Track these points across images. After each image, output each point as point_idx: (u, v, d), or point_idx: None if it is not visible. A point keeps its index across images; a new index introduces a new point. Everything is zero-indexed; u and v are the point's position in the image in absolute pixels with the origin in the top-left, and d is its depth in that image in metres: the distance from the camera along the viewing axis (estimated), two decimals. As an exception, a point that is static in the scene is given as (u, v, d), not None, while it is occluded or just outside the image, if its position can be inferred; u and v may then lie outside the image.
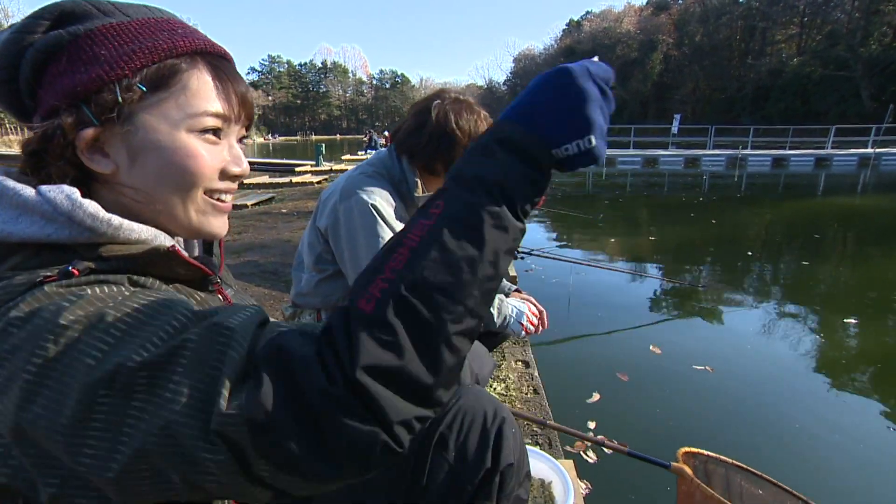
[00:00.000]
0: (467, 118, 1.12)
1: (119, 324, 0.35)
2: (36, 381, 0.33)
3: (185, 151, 0.45)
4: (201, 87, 0.45)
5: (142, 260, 0.42)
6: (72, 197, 0.40)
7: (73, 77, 0.41)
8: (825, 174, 14.37)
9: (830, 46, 33.32)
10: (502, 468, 0.62)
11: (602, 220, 6.92)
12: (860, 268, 4.61)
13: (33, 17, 0.42)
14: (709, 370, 2.44)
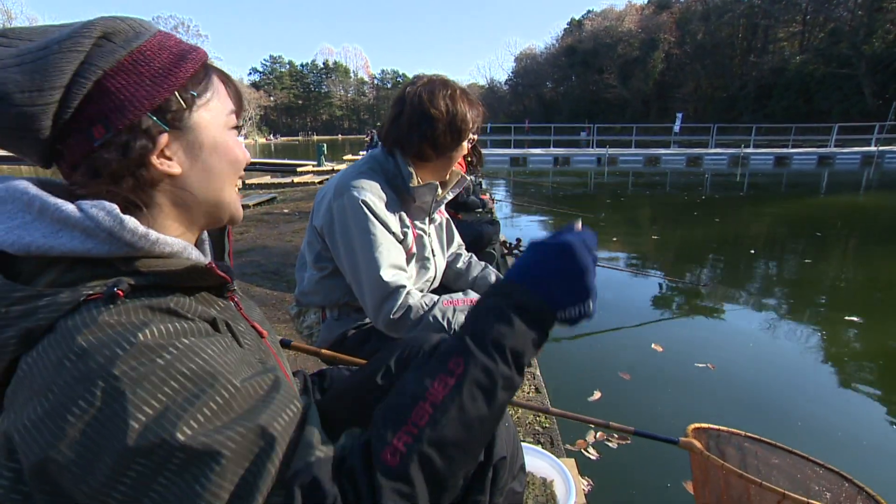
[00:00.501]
0: (442, 94, 1.13)
1: (168, 389, 0.36)
2: (77, 428, 0.34)
3: (230, 144, 0.51)
4: (222, 89, 0.51)
5: (179, 275, 0.44)
6: (113, 213, 0.41)
7: (147, 89, 0.44)
8: (828, 172, 14.32)
9: (833, 44, 33.18)
10: (495, 462, 0.62)
11: (603, 219, 6.91)
12: (863, 266, 4.59)
13: (77, 35, 0.41)
14: (710, 367, 2.43)
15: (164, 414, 0.35)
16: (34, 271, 0.41)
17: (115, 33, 0.44)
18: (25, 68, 0.40)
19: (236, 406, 0.38)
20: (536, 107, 60.72)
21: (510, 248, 3.62)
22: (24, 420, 0.35)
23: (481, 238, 2.82)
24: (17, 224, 0.40)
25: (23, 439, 0.35)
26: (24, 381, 0.37)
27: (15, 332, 0.38)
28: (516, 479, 0.68)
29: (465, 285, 1.40)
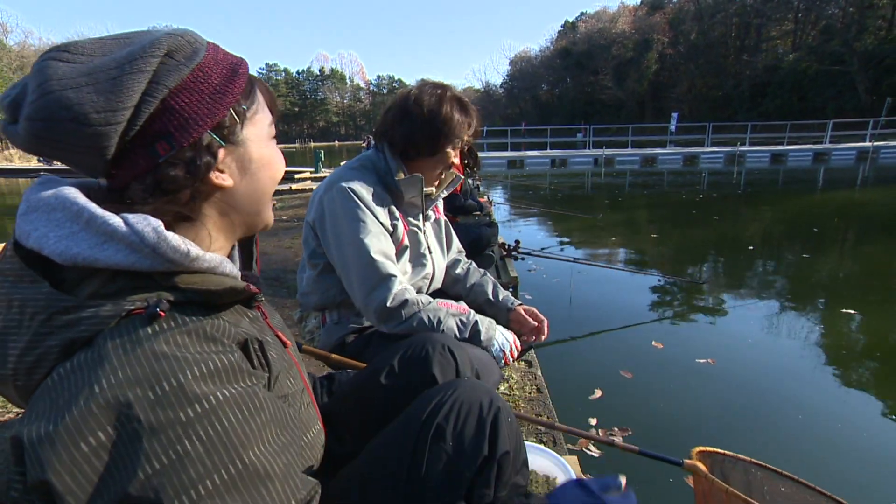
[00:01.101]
0: (430, 94, 1.15)
1: (180, 448, 0.36)
2: (85, 459, 0.34)
3: (275, 156, 0.54)
4: (262, 100, 0.52)
5: (217, 294, 0.45)
6: (158, 230, 0.42)
7: (207, 106, 0.45)
8: (824, 168, 14.38)
9: (825, 41, 33.41)
10: (499, 456, 0.63)
11: (602, 219, 6.94)
12: (860, 260, 4.61)
13: (144, 54, 0.42)
14: (711, 363, 2.45)
15: (170, 473, 0.35)
16: (77, 279, 0.41)
17: (178, 50, 0.44)
18: (100, 88, 0.40)
19: (241, 484, 0.38)
20: (532, 109, 60.89)
21: (508, 250, 3.63)
22: (38, 431, 0.35)
23: (480, 240, 2.84)
24: (65, 234, 0.41)
25: (31, 452, 0.35)
26: (52, 390, 0.38)
27: (58, 342, 0.39)
28: (519, 473, 0.69)
29: (462, 290, 1.41)
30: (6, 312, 0.41)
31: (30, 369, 0.40)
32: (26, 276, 0.40)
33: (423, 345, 0.79)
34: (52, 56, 0.41)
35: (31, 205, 0.42)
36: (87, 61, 0.41)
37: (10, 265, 0.41)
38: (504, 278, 3.09)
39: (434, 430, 0.64)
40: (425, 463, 0.62)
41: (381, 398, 0.76)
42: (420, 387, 0.73)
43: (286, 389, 0.55)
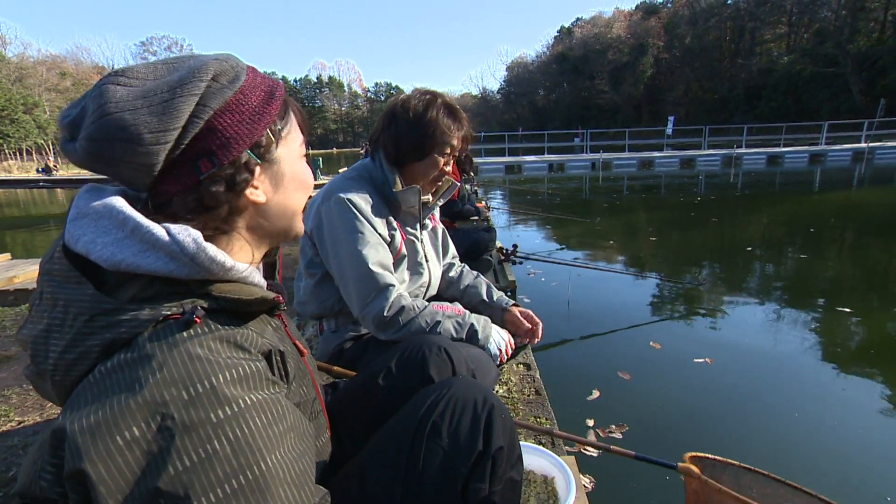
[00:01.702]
0: (418, 99, 1.17)
1: (210, 447, 0.38)
2: (121, 452, 0.36)
3: (305, 173, 0.57)
4: (294, 120, 0.56)
5: (248, 304, 0.48)
6: (198, 241, 0.44)
7: (247, 127, 0.48)
8: (820, 170, 14.46)
9: (819, 44, 33.70)
10: (493, 451, 0.65)
11: (600, 223, 6.97)
12: (857, 260, 4.64)
13: (192, 79, 0.45)
14: (709, 362, 2.47)
15: (200, 469, 0.37)
16: (118, 283, 0.44)
17: (222, 74, 0.47)
18: (153, 109, 0.43)
19: (262, 486, 0.40)
20: (529, 114, 61.18)
21: (506, 255, 3.66)
22: (80, 422, 0.37)
23: (478, 245, 2.86)
24: (111, 240, 0.43)
25: (70, 441, 0.37)
26: (94, 386, 0.40)
27: (99, 342, 0.41)
28: (514, 468, 0.71)
29: (456, 293, 1.42)
30: (51, 311, 0.43)
31: (69, 366, 0.42)
32: (72, 277, 0.43)
33: (420, 347, 0.81)
34: (110, 80, 0.44)
35: (80, 211, 0.45)
36: (140, 85, 0.44)
37: (58, 266, 0.44)
38: (502, 282, 3.11)
39: (430, 426, 0.66)
40: (422, 458, 0.64)
41: (379, 399, 0.78)
42: (417, 387, 0.75)
43: (301, 397, 0.58)
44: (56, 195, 17.50)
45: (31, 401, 1.87)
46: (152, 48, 56.67)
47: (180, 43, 58.01)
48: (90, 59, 55.59)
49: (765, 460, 1.72)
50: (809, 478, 1.63)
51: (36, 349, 0.43)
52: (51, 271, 0.44)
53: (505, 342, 1.20)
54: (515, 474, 0.72)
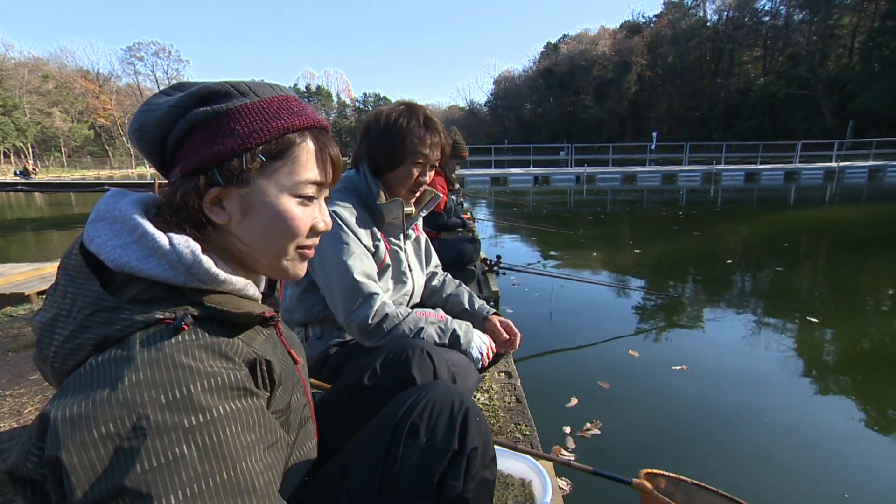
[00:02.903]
0: (392, 109, 1.22)
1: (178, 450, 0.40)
2: (95, 445, 0.38)
3: (287, 214, 0.54)
4: (307, 159, 0.55)
5: (235, 316, 0.51)
6: (195, 253, 0.48)
7: (213, 147, 0.51)
8: (795, 187, 14.96)
9: (793, 67, 35.11)
10: (468, 451, 0.68)
11: (583, 235, 7.10)
12: (828, 274, 4.82)
13: (187, 96, 0.51)
14: (685, 369, 2.57)
15: (165, 471, 0.39)
16: (122, 283, 0.48)
17: (216, 95, 0.52)
18: (150, 115, 0.52)
19: (224, 493, 0.41)
20: (516, 127, 61.98)
21: (490, 266, 3.72)
22: (63, 411, 0.40)
23: (462, 256, 2.91)
24: (119, 243, 0.47)
25: (52, 428, 0.39)
26: (82, 378, 0.42)
27: (94, 336, 0.44)
28: (487, 468, 0.74)
29: (439, 302, 1.46)
30: (60, 301, 0.47)
31: (67, 355, 0.45)
32: (83, 273, 0.47)
33: (404, 349, 0.85)
34: (165, 89, 0.55)
35: (98, 214, 0.50)
36: (175, 95, 0.53)
37: (73, 262, 0.48)
38: (485, 293, 3.16)
39: (409, 427, 0.70)
40: (400, 456, 0.68)
41: (364, 399, 0.82)
42: (400, 388, 0.79)
43: (292, 404, 0.60)
44: (34, 199, 17.08)
45: (6, 407, 1.85)
46: (139, 53, 55.88)
47: (168, 49, 57.32)
48: (74, 63, 54.49)
49: (733, 462, 1.80)
50: (776, 476, 1.70)
51: (42, 335, 0.47)
52: (66, 266, 0.48)
53: (486, 346, 1.25)
54: (489, 474, 0.75)
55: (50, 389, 1.98)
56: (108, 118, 51.95)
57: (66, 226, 10.48)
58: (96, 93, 51.68)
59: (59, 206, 15.22)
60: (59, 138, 46.47)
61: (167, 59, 56.87)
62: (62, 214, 13.12)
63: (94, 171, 38.97)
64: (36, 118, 43.21)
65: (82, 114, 50.12)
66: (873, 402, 2.31)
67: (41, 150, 45.24)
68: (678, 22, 44.64)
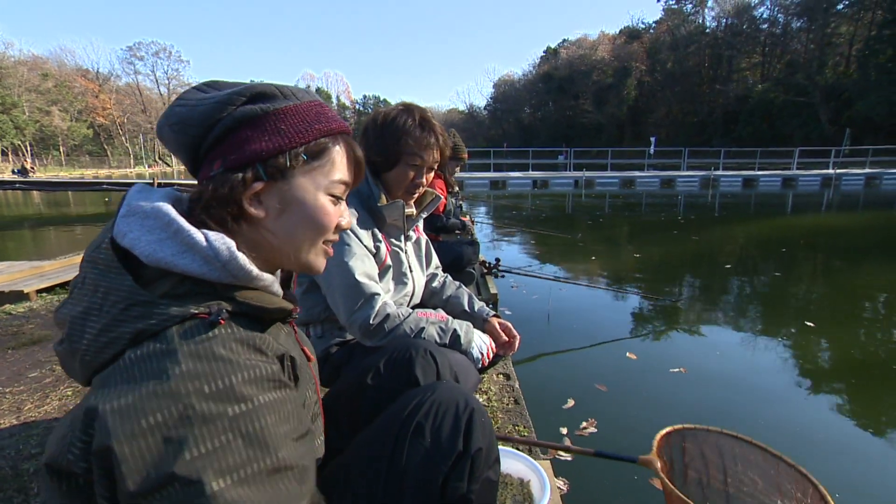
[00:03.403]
0: (391, 109, 1.22)
1: (224, 438, 0.42)
2: (144, 434, 0.40)
3: (321, 210, 0.58)
4: (340, 161, 0.60)
5: (267, 311, 0.53)
6: (231, 249, 0.50)
7: (259, 143, 0.53)
8: (792, 193, 15.03)
9: (790, 74, 35.33)
10: (473, 452, 0.69)
11: (582, 239, 7.12)
12: (825, 279, 4.85)
13: (235, 93, 0.53)
14: (683, 371, 2.59)
15: (213, 457, 0.41)
16: (152, 278, 0.48)
17: (263, 96, 0.54)
18: (197, 110, 0.52)
19: (269, 480, 0.44)
20: (515, 131, 62.14)
21: (489, 268, 3.73)
22: (111, 403, 0.41)
23: (461, 258, 2.93)
24: (154, 239, 0.48)
25: (101, 420, 0.41)
26: (124, 371, 0.44)
27: (130, 330, 0.45)
28: (491, 468, 0.75)
29: (439, 303, 1.47)
30: (91, 295, 0.47)
31: (101, 349, 0.46)
32: (114, 267, 0.47)
33: (408, 349, 0.86)
34: (198, 86, 0.56)
35: (130, 209, 0.50)
36: (210, 93, 0.54)
37: (103, 256, 0.49)
38: (484, 295, 3.18)
39: (414, 427, 0.70)
40: (405, 456, 0.69)
41: (367, 398, 0.83)
42: (404, 387, 0.80)
43: (307, 400, 0.62)
44: (32, 197, 17.04)
45: (6, 404, 1.85)
46: (139, 53, 55.81)
47: (168, 49, 57.25)
48: (74, 62, 54.40)
49: None
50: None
51: (73, 328, 0.48)
52: (95, 259, 0.49)
53: (486, 346, 1.26)
54: (492, 475, 0.76)
55: (49, 387, 1.99)
56: (107, 117, 51.83)
57: (64, 224, 10.45)
58: (96, 92, 51.55)
59: (56, 204, 15.18)
60: (58, 137, 46.31)
61: (167, 60, 56.88)
62: (60, 213, 13.08)
63: (92, 170, 38.87)
64: (35, 116, 43.08)
65: (81, 113, 49.98)
66: (868, 405, 2.34)
67: (39, 148, 45.09)
68: (677, 28, 44.89)
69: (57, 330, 2.71)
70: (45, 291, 3.56)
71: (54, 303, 3.32)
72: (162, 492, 0.39)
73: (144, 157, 50.70)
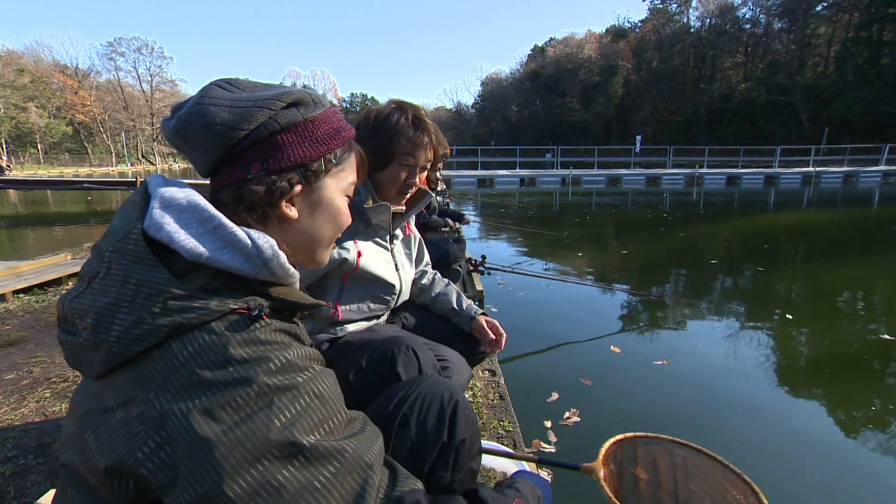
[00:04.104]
0: (383, 107, 1.19)
1: (302, 401, 0.47)
2: (231, 418, 0.43)
3: (343, 210, 0.63)
4: (354, 163, 0.64)
5: (302, 307, 0.56)
6: (274, 248, 0.52)
7: (302, 149, 0.55)
8: (774, 191, 15.34)
9: (772, 74, 36.04)
10: (457, 443, 0.71)
11: (568, 236, 7.18)
12: (804, 274, 4.97)
13: (275, 98, 0.53)
14: (665, 363, 2.65)
15: (299, 419, 0.45)
16: (183, 271, 0.48)
17: (300, 103, 0.56)
18: (234, 111, 0.51)
19: (347, 429, 0.49)
20: (503, 129, 62.36)
21: (475, 265, 3.74)
22: (184, 403, 0.43)
23: (447, 256, 2.93)
24: (193, 233, 0.48)
25: (180, 418, 0.42)
26: (181, 369, 0.44)
27: (168, 323, 0.45)
28: (474, 459, 0.77)
29: (427, 300, 1.47)
30: (120, 287, 0.46)
31: (133, 340, 0.45)
32: (146, 259, 0.47)
33: (390, 346, 0.86)
34: (219, 83, 0.55)
35: (164, 202, 0.50)
36: (238, 93, 0.54)
37: (132, 246, 0.47)
38: (470, 292, 3.19)
39: (400, 418, 0.71)
40: (391, 447, 0.69)
41: (349, 394, 0.83)
42: (386, 384, 0.81)
43: None
44: (7, 195, 16.58)
45: (-18, 408, 1.81)
46: (120, 49, 54.44)
47: (151, 45, 55.99)
48: (51, 57, 52.99)
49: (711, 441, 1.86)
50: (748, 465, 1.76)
51: (99, 320, 0.46)
52: (124, 250, 0.47)
53: None
54: (475, 465, 0.78)
55: (27, 389, 1.94)
56: (87, 114, 50.62)
57: (43, 224, 10.20)
58: (75, 88, 50.28)
59: (34, 203, 14.80)
60: (35, 134, 45.09)
61: (150, 56, 55.63)
62: (38, 212, 12.75)
63: (72, 169, 37.98)
64: (10, 113, 41.88)
65: (60, 109, 48.73)
66: (842, 393, 2.42)
67: (16, 145, 43.81)
68: (663, 27, 45.45)
69: (36, 331, 2.63)
70: (23, 292, 3.48)
71: (32, 304, 3.24)
72: (261, 460, 0.42)
73: (127, 156, 49.65)
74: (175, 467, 0.42)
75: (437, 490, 0.71)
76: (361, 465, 0.48)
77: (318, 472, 0.45)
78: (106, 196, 14.40)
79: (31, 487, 1.35)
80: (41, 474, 1.41)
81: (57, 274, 3.79)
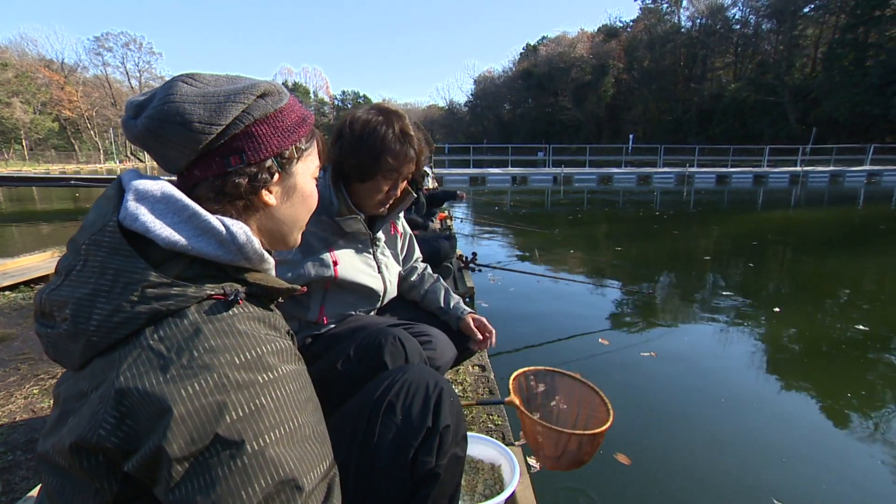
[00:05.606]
0: (369, 116, 1.13)
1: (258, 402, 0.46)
2: (186, 401, 0.43)
3: (313, 193, 0.65)
4: (316, 148, 0.66)
5: (278, 292, 0.56)
6: (248, 234, 0.53)
7: (276, 139, 0.57)
8: (763, 190, 15.55)
9: (761, 74, 36.45)
10: (441, 429, 0.73)
11: (560, 234, 7.23)
12: (792, 270, 5.06)
13: (246, 91, 0.54)
14: (653, 355, 2.72)
15: (251, 419, 0.45)
16: (161, 258, 0.49)
17: (269, 93, 0.56)
18: (208, 107, 0.51)
19: (296, 439, 0.48)
20: (495, 127, 62.42)
21: (466, 262, 3.76)
22: (143, 381, 0.44)
23: (438, 253, 2.95)
24: (168, 222, 0.49)
25: (141, 392, 0.43)
26: (149, 350, 0.45)
27: (147, 310, 0.46)
28: (458, 445, 0.78)
29: (416, 297, 1.46)
30: (98, 277, 0.47)
31: (113, 329, 0.46)
32: (123, 250, 0.48)
33: (377, 336, 0.88)
34: (182, 79, 0.54)
35: (139, 194, 0.50)
36: (203, 88, 0.53)
37: (109, 238, 0.48)
38: (461, 288, 3.21)
39: (386, 405, 0.73)
40: (377, 433, 0.71)
41: (337, 384, 0.85)
42: (373, 373, 0.82)
43: None
44: (-8, 193, 16.30)
45: (-32, 405, 1.79)
46: (108, 44, 53.68)
47: (139, 40, 55.28)
48: (36, 51, 52.03)
49: (694, 431, 1.96)
50: (731, 452, 1.81)
51: (79, 310, 0.47)
52: (100, 242, 0.48)
53: None
54: (459, 451, 0.80)
55: (14, 385, 1.93)
56: (74, 110, 49.80)
57: (29, 221, 10.05)
58: (61, 83, 49.44)
59: (20, 200, 14.57)
60: (20, 130, 44.28)
61: (138, 51, 54.97)
62: (24, 209, 12.56)
63: (59, 165, 37.32)
64: (-7, 109, 41.19)
65: (45, 105, 47.88)
66: (826, 382, 2.49)
67: (0, 142, 43.12)
68: (654, 27, 45.72)
69: (23, 328, 2.59)
70: (9, 289, 3.44)
71: (18, 301, 3.21)
72: (206, 452, 0.43)
73: (115, 153, 48.90)
74: (139, 436, 0.43)
75: (422, 475, 0.73)
76: (293, 486, 0.46)
77: (254, 479, 0.44)
78: (94, 193, 14.18)
79: (20, 483, 1.35)
80: (30, 470, 1.41)
81: (43, 271, 3.75)
